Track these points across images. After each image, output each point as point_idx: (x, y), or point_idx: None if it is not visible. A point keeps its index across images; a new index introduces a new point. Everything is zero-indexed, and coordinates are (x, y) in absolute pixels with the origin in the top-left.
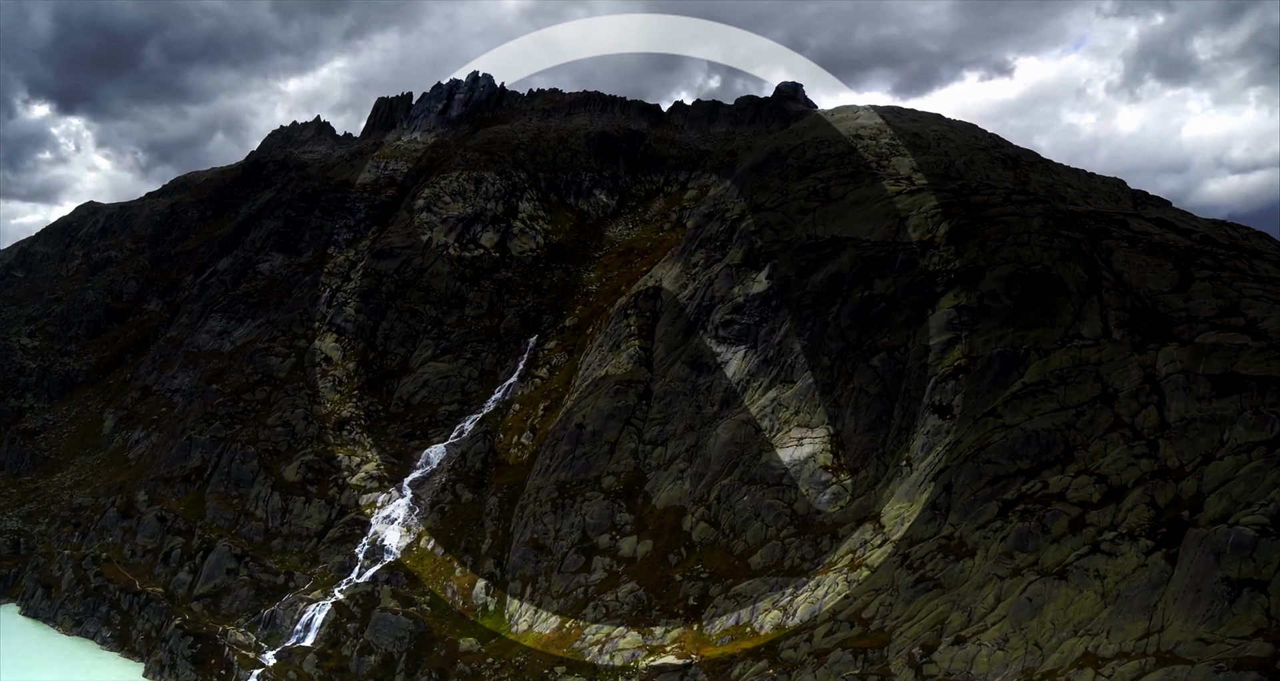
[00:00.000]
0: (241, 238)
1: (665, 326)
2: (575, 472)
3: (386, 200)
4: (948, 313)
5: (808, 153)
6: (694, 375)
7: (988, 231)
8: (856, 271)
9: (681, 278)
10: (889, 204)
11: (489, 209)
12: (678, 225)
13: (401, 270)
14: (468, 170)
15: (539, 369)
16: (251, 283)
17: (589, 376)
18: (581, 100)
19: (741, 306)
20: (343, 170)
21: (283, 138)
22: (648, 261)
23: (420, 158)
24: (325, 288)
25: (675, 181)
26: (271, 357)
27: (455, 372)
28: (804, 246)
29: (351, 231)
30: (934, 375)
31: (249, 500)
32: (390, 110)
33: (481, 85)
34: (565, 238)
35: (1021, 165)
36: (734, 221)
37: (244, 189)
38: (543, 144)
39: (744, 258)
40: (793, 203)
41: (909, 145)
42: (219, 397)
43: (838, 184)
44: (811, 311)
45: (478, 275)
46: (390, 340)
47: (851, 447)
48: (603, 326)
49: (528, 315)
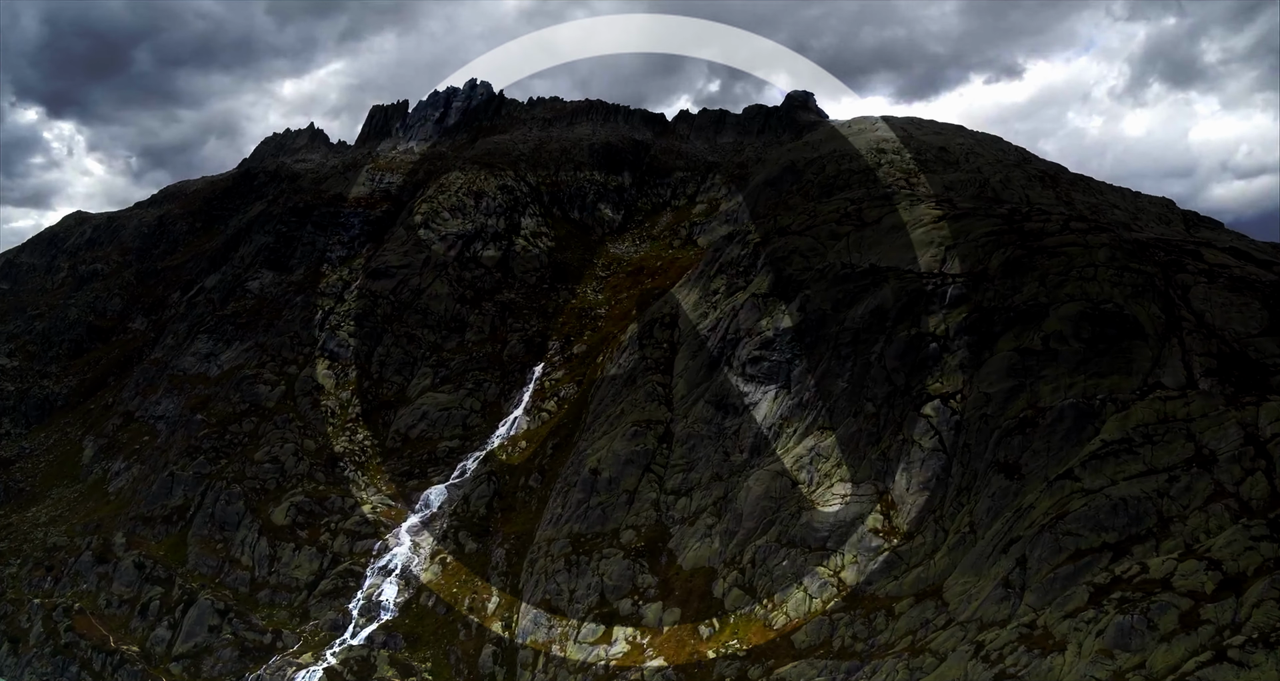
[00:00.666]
0: (230, 253)
1: (685, 360)
2: (590, 524)
3: (382, 215)
4: (1008, 356)
5: (827, 168)
6: (719, 416)
7: (1048, 264)
8: (901, 306)
9: (701, 305)
10: (932, 230)
11: (490, 225)
12: (688, 242)
13: (398, 291)
14: (468, 184)
15: (546, 401)
16: (240, 302)
17: (601, 412)
18: (584, 109)
19: (771, 341)
20: (336, 182)
21: (275, 146)
22: (659, 283)
23: (417, 170)
24: (317, 309)
25: (683, 194)
26: (260, 385)
27: (456, 404)
28: (839, 276)
29: (345, 248)
30: (997, 428)
31: (234, 545)
32: (385, 118)
33: (479, 93)
34: (570, 255)
35: (1061, 183)
36: (757, 245)
37: (234, 200)
38: (544, 155)
39: (771, 286)
40: (822, 226)
41: (937, 160)
42: (204, 429)
43: (871, 206)
44: (851, 350)
45: (479, 296)
46: (386, 367)
47: (904, 508)
48: (615, 357)
49: (532, 340)
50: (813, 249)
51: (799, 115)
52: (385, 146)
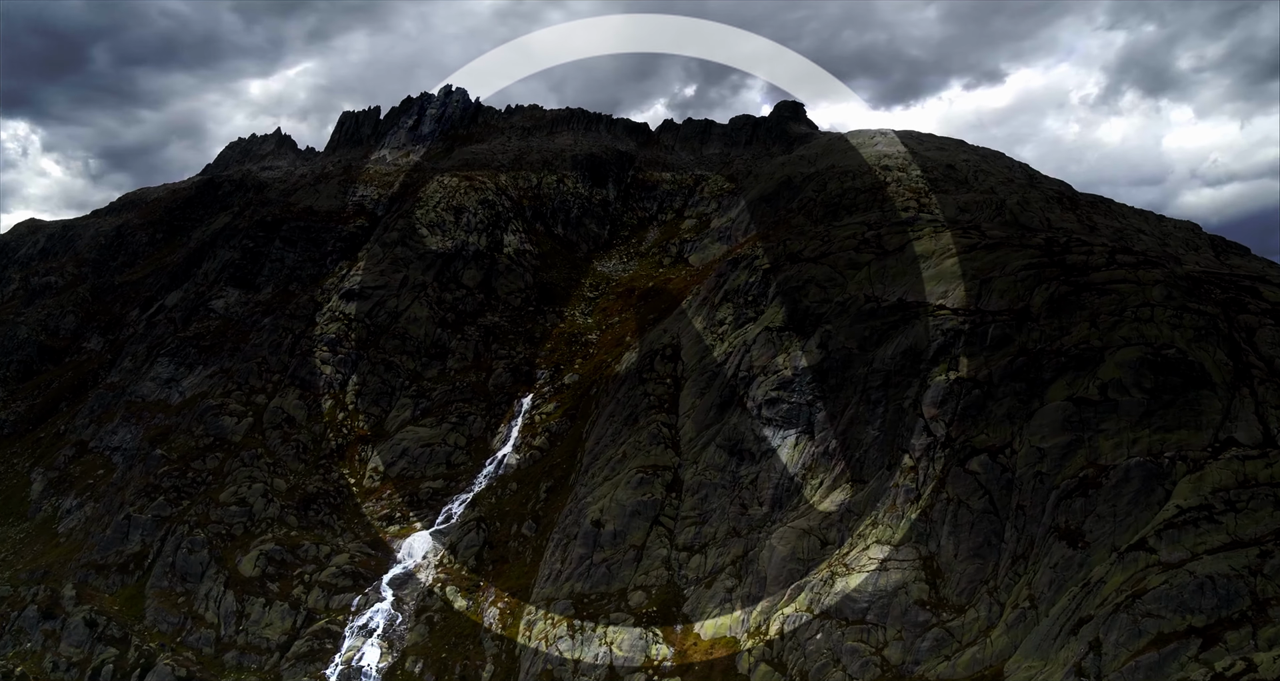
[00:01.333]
0: (193, 269)
1: (692, 398)
2: (594, 583)
3: (356, 231)
4: (1062, 406)
5: (829, 186)
6: (734, 463)
7: (1098, 302)
8: (937, 346)
9: (706, 336)
10: (963, 260)
11: (471, 243)
12: (679, 260)
13: (374, 314)
14: (447, 198)
15: (536, 437)
16: (203, 322)
17: (599, 453)
18: (564, 118)
19: (790, 382)
20: (307, 195)
21: (240, 151)
22: (653, 307)
23: (392, 182)
24: (287, 332)
25: (669, 208)
26: (225, 416)
27: (439, 439)
28: (864, 311)
29: (316, 266)
30: (1054, 488)
31: (197, 599)
32: (356, 125)
33: (455, 100)
34: (556, 274)
35: (1080, 205)
36: (766, 272)
37: (197, 210)
38: (526, 167)
39: (786, 319)
40: (839, 254)
41: (945, 178)
42: (164, 466)
43: (891, 232)
44: (882, 394)
45: (460, 320)
46: (363, 397)
47: (953, 577)
48: (611, 390)
49: (519, 368)
50: (830, 279)
51: (789, 126)
52: (356, 155)
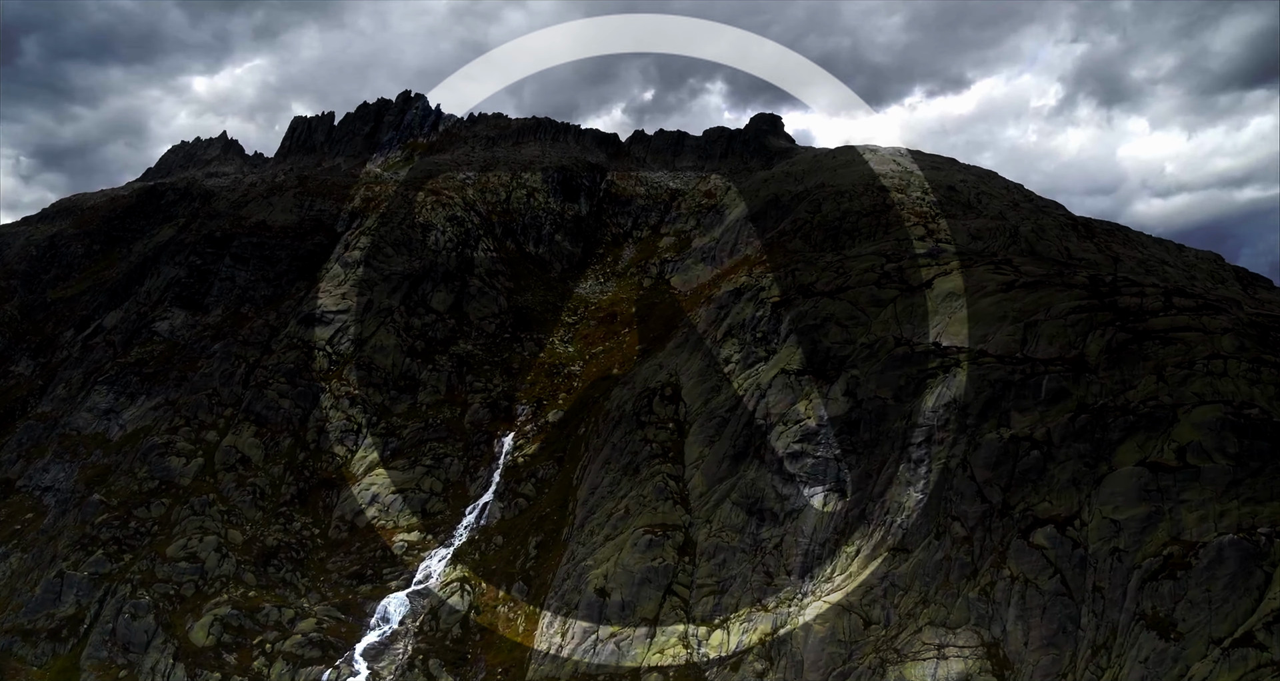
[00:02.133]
0: (135, 286)
1: (699, 447)
2: (602, 661)
3: (314, 249)
4: (1135, 473)
5: (824, 206)
6: (753, 524)
7: (1163, 353)
8: (985, 399)
9: (709, 376)
10: (1002, 300)
11: (440, 263)
12: (660, 281)
13: (336, 341)
14: (412, 214)
15: (521, 483)
16: (146, 346)
17: (596, 506)
18: (530, 127)
19: (815, 433)
20: (259, 208)
21: (184, 156)
22: (638, 336)
23: (352, 196)
24: (240, 361)
25: (645, 224)
26: (172, 456)
27: (412, 484)
28: (896, 357)
29: (271, 287)
30: (1135, 568)
31: (142, 673)
32: (309, 132)
33: (415, 108)
34: (531, 297)
35: (1097, 234)
36: (776, 305)
37: (139, 220)
38: (494, 180)
39: (805, 361)
40: (860, 289)
41: (949, 201)
42: (102, 513)
43: (914, 265)
44: (925, 452)
45: (431, 348)
46: (325, 435)
47: (1025, 669)
48: (604, 432)
49: (497, 403)
50: (852, 317)
51: (768, 140)
52: (309, 162)
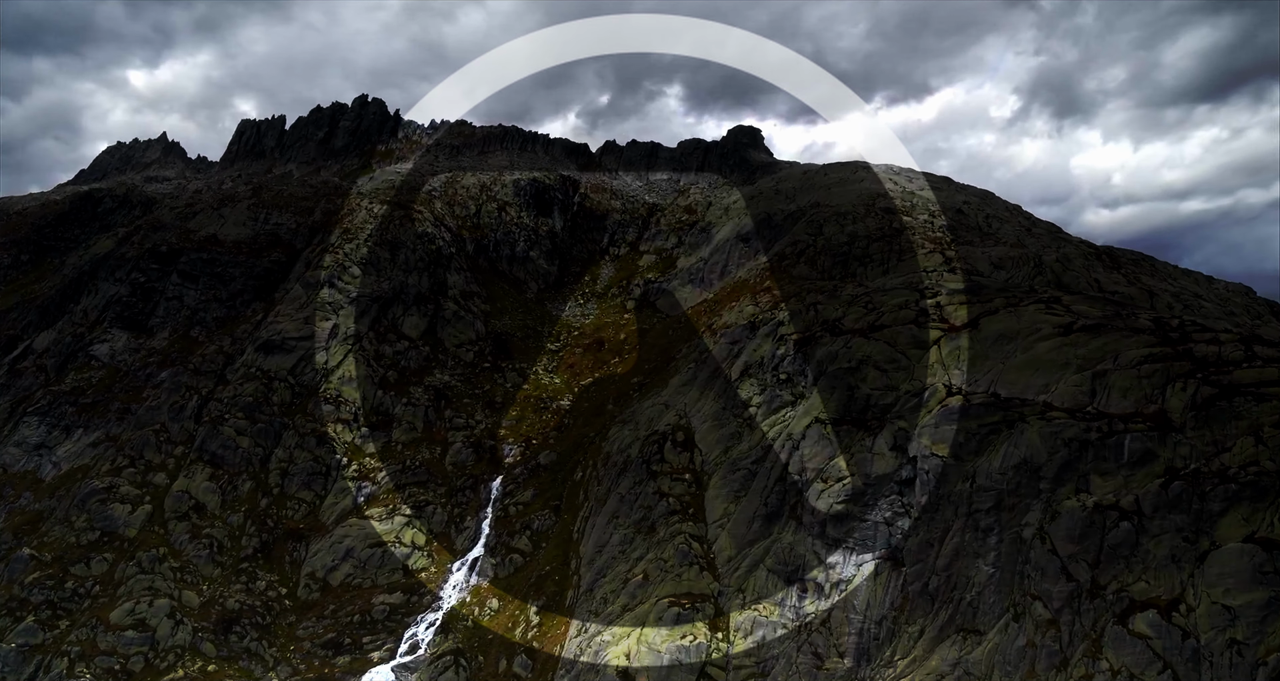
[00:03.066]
0: (69, 303)
1: (723, 503)
2: None
3: (271, 266)
4: (1245, 551)
5: (826, 228)
6: (794, 596)
7: (1258, 411)
8: (1061, 461)
9: (727, 420)
10: (1063, 346)
11: (411, 284)
12: (645, 304)
13: (299, 370)
14: (379, 229)
15: (515, 536)
16: (83, 372)
17: (606, 568)
18: (497, 136)
19: (862, 493)
20: (209, 220)
21: (121, 157)
22: (631, 366)
23: (312, 208)
24: (191, 392)
25: (623, 241)
26: (115, 503)
27: (391, 536)
28: (951, 409)
29: (224, 308)
30: (1260, 664)
31: None
32: (259, 136)
33: (370, 111)
34: (510, 321)
35: (1124, 264)
36: (799, 343)
37: (73, 228)
38: (461, 192)
39: (842, 409)
40: (896, 329)
41: (959, 225)
42: (33, 571)
43: (955, 301)
44: (995, 520)
45: (404, 379)
46: (291, 479)
47: None
48: (607, 479)
49: (481, 443)
50: (891, 360)
51: (748, 154)
52: (259, 169)
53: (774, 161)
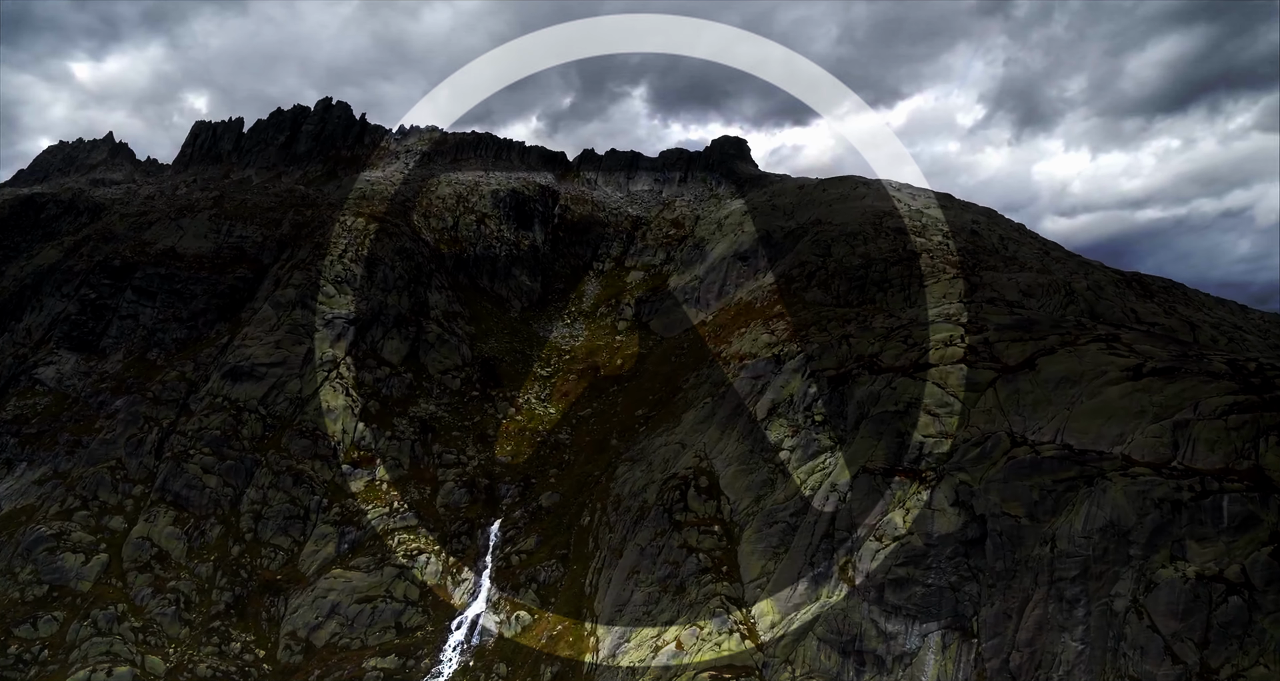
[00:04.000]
0: (9, 321)
1: (760, 559)
2: None
3: (237, 284)
4: None
5: (835, 249)
6: (851, 669)
7: None
8: (1153, 525)
9: (755, 464)
10: (1134, 391)
11: (391, 305)
12: (637, 325)
13: (271, 400)
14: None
15: (520, 590)
16: (27, 398)
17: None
18: (470, 142)
19: (923, 554)
20: (166, 231)
21: (64, 158)
22: (632, 396)
23: (279, 219)
24: (151, 424)
25: (607, 256)
26: (66, 552)
27: (381, 590)
28: (1021, 462)
29: (185, 329)
30: None
31: None
32: (215, 139)
33: (335, 115)
34: (496, 344)
35: (1155, 292)
36: (833, 381)
37: (13, 236)
38: (437, 203)
39: (891, 457)
40: (947, 370)
41: (975, 247)
42: None
43: (1008, 339)
44: (1082, 589)
45: (387, 410)
46: (265, 523)
47: None
48: (621, 526)
49: (475, 482)
50: (942, 403)
51: (736, 166)
52: (215, 173)
53: (763, 174)
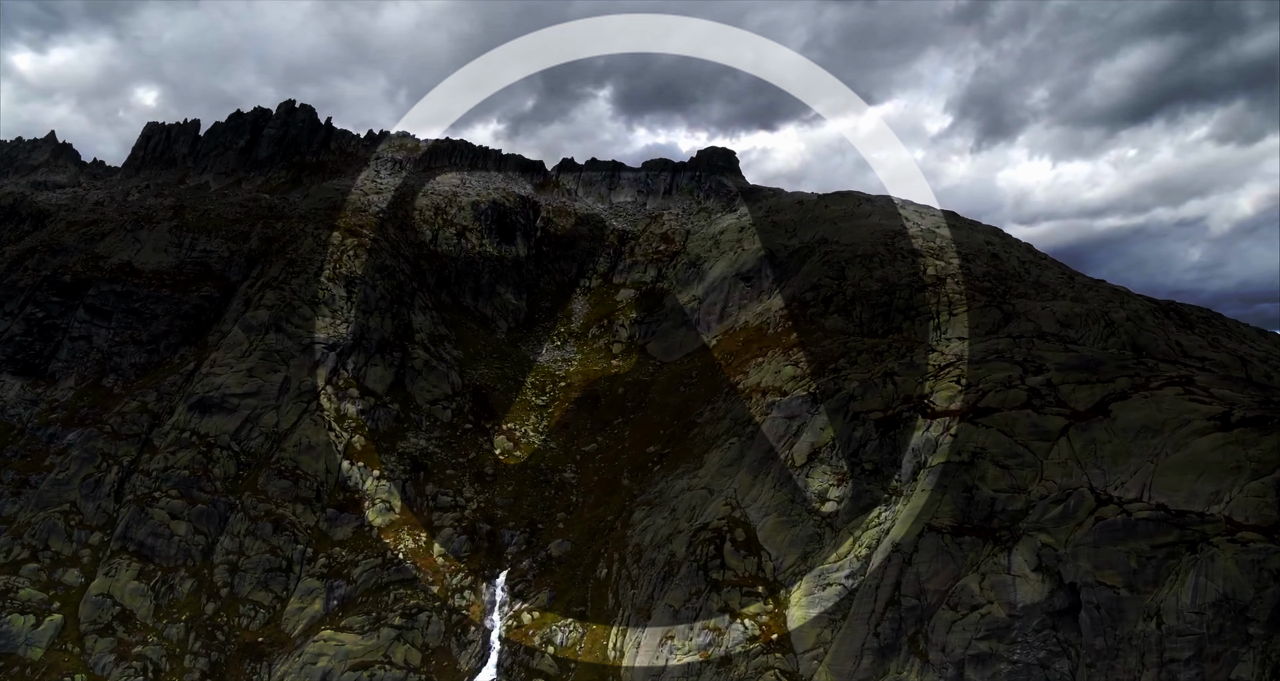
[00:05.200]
0: None
1: (813, 628)
2: None
3: (202, 303)
4: None
5: (848, 272)
6: None
7: None
8: (1273, 599)
9: (798, 516)
10: (1225, 445)
11: (373, 328)
12: (633, 348)
13: (245, 435)
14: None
15: (535, 654)
16: None
17: None
18: (444, 150)
19: (1007, 627)
20: (122, 244)
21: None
22: (640, 430)
23: (246, 232)
24: (109, 461)
25: (593, 272)
26: (13, 613)
27: (377, 654)
28: (1112, 525)
29: (145, 353)
30: None
31: None
32: (169, 142)
33: (299, 119)
34: (486, 370)
35: (1195, 323)
36: (882, 424)
37: None
38: (414, 214)
39: (961, 515)
40: (1011, 413)
41: (997, 272)
42: None
43: (1071, 380)
44: (1198, 673)
45: (374, 446)
46: (243, 576)
47: None
48: (644, 581)
49: (475, 527)
50: (1012, 454)
51: (726, 178)
52: (169, 178)
53: (755, 188)
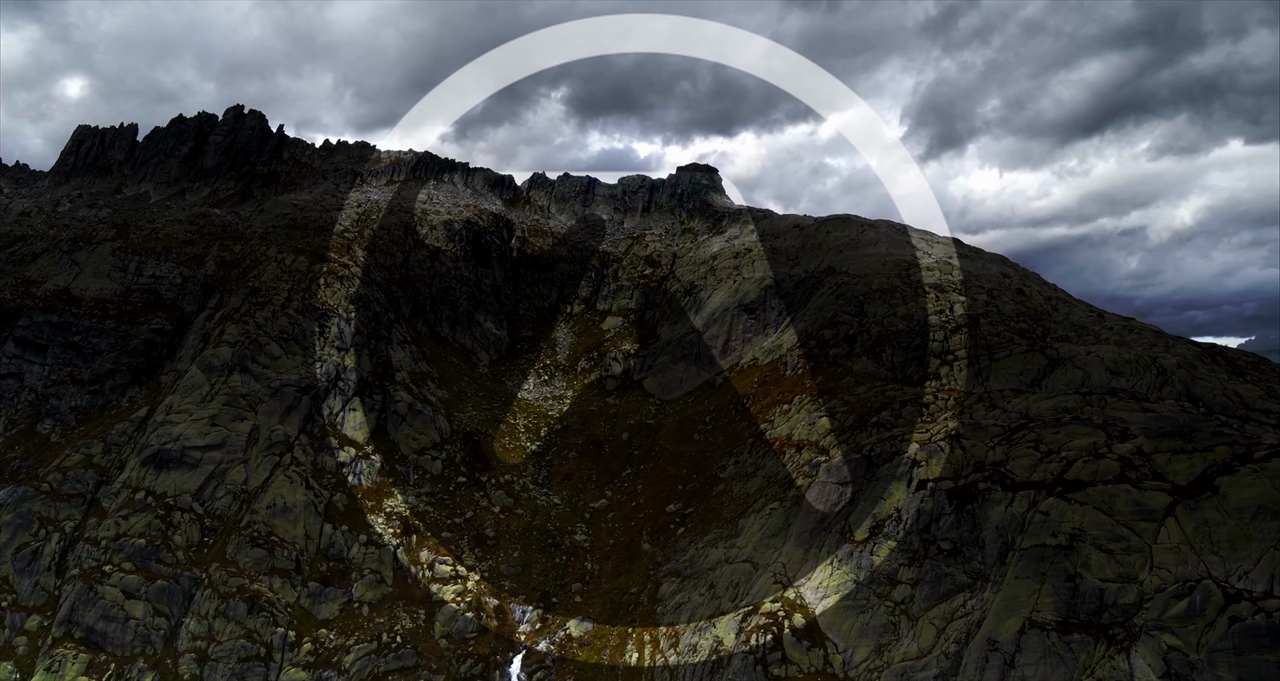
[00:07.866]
0: None
1: None
2: None
3: (153, 337)
4: None
5: (868, 307)
6: None
7: None
8: None
9: (866, 602)
10: None
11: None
12: (629, 384)
13: (209, 495)
14: (300, 290)
15: None
16: None
17: None
18: (408, 162)
19: None
20: (58, 266)
21: None
22: (651, 481)
23: (203, 255)
24: (49, 527)
25: (575, 296)
26: None
27: None
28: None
29: (88, 393)
30: None
31: None
32: (102, 146)
33: (248, 126)
34: (475, 412)
35: (1245, 369)
36: (953, 496)
37: None
38: (382, 234)
39: (1064, 608)
40: (1108, 489)
41: (1027, 311)
42: None
43: (1165, 449)
44: None
45: (357, 505)
46: (213, 668)
47: None
48: (686, 674)
49: (480, 604)
50: (1114, 537)
51: (710, 198)
52: (104, 187)
53: (742, 209)
